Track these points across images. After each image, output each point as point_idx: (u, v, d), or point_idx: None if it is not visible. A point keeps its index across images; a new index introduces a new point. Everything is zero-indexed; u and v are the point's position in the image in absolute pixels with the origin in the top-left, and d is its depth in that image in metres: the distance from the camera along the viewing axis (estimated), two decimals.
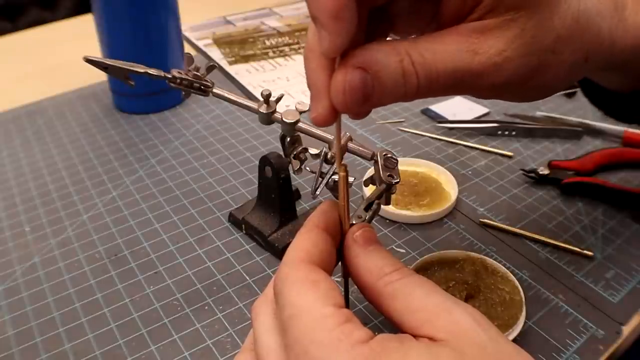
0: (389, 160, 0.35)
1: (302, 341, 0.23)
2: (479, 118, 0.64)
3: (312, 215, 0.29)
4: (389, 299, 0.25)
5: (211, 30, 0.92)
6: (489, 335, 0.23)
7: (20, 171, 0.56)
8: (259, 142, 0.59)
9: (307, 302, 0.24)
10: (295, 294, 0.24)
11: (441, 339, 0.22)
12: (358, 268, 0.27)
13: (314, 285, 0.24)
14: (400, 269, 0.26)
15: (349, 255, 0.28)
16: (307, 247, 0.27)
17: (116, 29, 0.62)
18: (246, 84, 0.73)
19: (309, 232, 0.28)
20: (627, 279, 0.42)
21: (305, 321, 0.23)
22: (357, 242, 0.27)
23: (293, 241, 0.28)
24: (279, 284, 0.25)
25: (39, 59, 0.84)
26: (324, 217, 0.28)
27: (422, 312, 0.24)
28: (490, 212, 0.49)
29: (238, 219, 0.47)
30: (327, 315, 0.23)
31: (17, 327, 0.39)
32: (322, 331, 0.23)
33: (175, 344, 0.37)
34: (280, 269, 0.26)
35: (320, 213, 0.29)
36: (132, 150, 0.59)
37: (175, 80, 0.43)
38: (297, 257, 0.26)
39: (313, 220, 0.28)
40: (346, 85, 0.25)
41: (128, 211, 0.50)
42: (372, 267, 0.26)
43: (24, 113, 0.67)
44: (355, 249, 0.27)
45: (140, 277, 0.43)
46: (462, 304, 0.24)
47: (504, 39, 0.26)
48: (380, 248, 0.27)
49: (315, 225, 0.28)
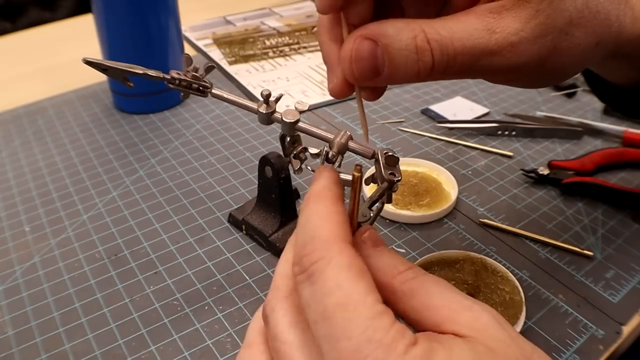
0: (390, 158, 0.35)
1: (355, 336, 0.21)
2: (479, 118, 0.64)
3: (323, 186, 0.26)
4: (406, 296, 0.24)
5: (211, 30, 0.92)
6: (508, 332, 0.23)
7: (20, 171, 0.56)
8: (259, 142, 0.60)
9: (359, 292, 0.22)
10: (347, 281, 0.22)
11: (466, 335, 0.22)
12: (370, 268, 0.26)
13: (363, 275, 0.22)
14: (414, 268, 0.26)
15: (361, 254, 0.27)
16: (340, 224, 0.24)
17: (116, 29, 0.62)
18: (246, 84, 0.73)
19: (335, 204, 0.25)
20: (627, 279, 0.42)
21: (360, 315, 0.21)
22: (366, 243, 0.27)
23: (317, 211, 0.24)
24: (320, 264, 0.23)
25: (39, 59, 0.84)
26: (337, 188, 0.26)
27: (443, 309, 0.23)
28: (490, 212, 0.49)
29: (238, 219, 0.47)
30: (382, 312, 0.22)
31: (17, 327, 0.39)
32: (380, 330, 0.21)
33: (175, 344, 0.37)
34: (314, 247, 0.23)
35: (332, 183, 0.26)
36: (132, 150, 0.59)
37: (174, 82, 0.43)
38: (336, 236, 0.23)
39: (334, 190, 0.26)
40: (353, 54, 0.26)
41: (128, 211, 0.50)
42: (385, 266, 0.26)
43: (24, 113, 0.67)
44: (365, 250, 0.27)
45: (140, 277, 0.43)
46: (479, 302, 0.24)
47: (520, 19, 0.26)
48: (388, 248, 0.27)
49: (339, 198, 0.25)
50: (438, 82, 0.72)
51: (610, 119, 0.63)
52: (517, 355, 0.22)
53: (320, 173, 0.27)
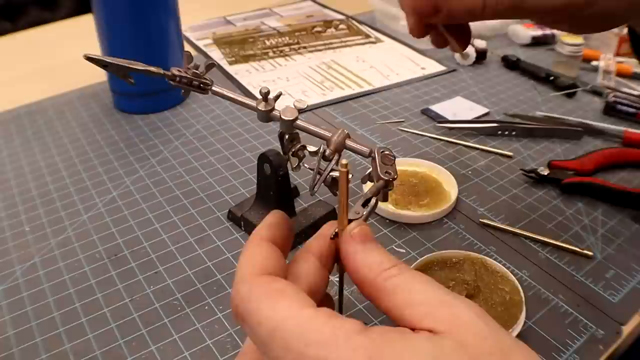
0: (386, 157, 0.35)
1: (295, 348, 0.22)
2: (479, 118, 0.64)
3: (258, 229, 0.28)
4: (389, 294, 0.25)
5: (211, 30, 0.92)
6: (489, 327, 0.23)
7: (20, 171, 0.56)
8: (259, 142, 0.60)
9: (284, 310, 0.23)
10: (266, 307, 0.23)
11: (442, 331, 0.22)
12: (356, 264, 0.27)
13: (282, 293, 0.24)
14: (399, 265, 0.26)
15: (347, 251, 0.27)
16: (258, 261, 0.26)
17: (116, 29, 0.62)
18: (246, 84, 0.73)
19: (256, 246, 0.27)
20: (627, 279, 0.42)
21: (291, 328, 0.23)
22: (355, 238, 0.27)
23: (241, 259, 0.26)
24: (242, 305, 0.24)
25: (39, 59, 0.84)
26: (270, 230, 0.28)
27: (423, 305, 0.24)
28: (490, 212, 0.49)
29: (237, 216, 0.47)
30: (312, 315, 0.23)
31: (17, 327, 0.39)
32: (314, 331, 0.22)
33: (175, 344, 0.37)
34: (237, 290, 0.25)
35: (266, 226, 0.29)
36: (132, 150, 0.59)
37: (175, 78, 0.43)
38: (250, 272, 0.25)
39: (259, 233, 0.28)
40: None
41: (128, 211, 0.50)
42: (371, 262, 0.26)
43: (24, 113, 0.67)
44: (353, 246, 0.27)
45: (140, 277, 0.43)
46: (461, 298, 0.24)
47: None
48: (377, 245, 0.27)
49: (261, 239, 0.28)
50: (437, 82, 0.72)
51: (610, 119, 0.63)
52: (493, 350, 0.22)
53: (267, 216, 0.30)
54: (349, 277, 0.27)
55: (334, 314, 0.23)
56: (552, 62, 0.77)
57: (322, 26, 0.92)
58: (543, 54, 0.80)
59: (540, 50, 0.81)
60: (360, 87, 0.71)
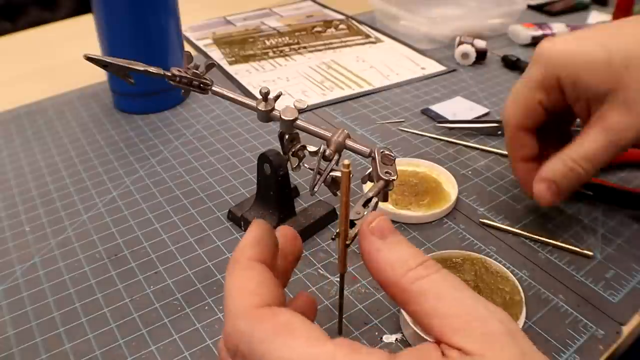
0: (386, 157, 0.35)
1: None
2: (479, 118, 0.64)
3: (242, 247, 0.26)
4: (415, 298, 0.23)
5: (211, 30, 0.92)
6: (522, 348, 0.22)
7: (20, 171, 0.56)
8: (259, 142, 0.60)
9: (301, 348, 0.21)
10: (280, 347, 0.21)
11: (475, 352, 0.21)
12: (378, 262, 0.24)
13: (292, 329, 0.22)
14: (426, 263, 0.24)
15: (366, 249, 0.25)
16: (252, 289, 0.24)
17: (116, 29, 0.62)
18: (246, 84, 0.73)
19: (246, 269, 0.25)
20: (627, 279, 0.42)
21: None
22: (374, 233, 0.25)
23: (229, 286, 0.24)
24: (246, 346, 0.22)
25: (39, 59, 0.84)
26: (258, 247, 0.26)
27: (454, 318, 0.22)
28: (490, 212, 0.49)
29: (237, 216, 0.47)
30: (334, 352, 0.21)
31: (17, 327, 0.39)
32: None
33: (175, 344, 0.37)
34: (234, 327, 0.23)
35: (253, 243, 0.26)
36: (132, 150, 0.59)
37: (175, 78, 0.43)
38: (248, 305, 0.23)
39: (245, 253, 0.25)
40: (538, 193, 0.41)
41: (128, 211, 0.50)
42: (395, 261, 0.24)
43: (24, 113, 0.67)
44: (373, 241, 0.25)
45: (140, 277, 0.43)
46: (493, 310, 0.23)
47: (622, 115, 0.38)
48: (400, 238, 0.25)
49: (249, 259, 0.25)
50: (437, 82, 0.72)
51: None
52: None
53: (249, 228, 0.27)
54: (348, 277, 0.27)
55: (356, 345, 0.22)
56: None
57: (322, 26, 0.92)
58: None
59: None
60: (360, 87, 0.71)
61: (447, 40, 0.82)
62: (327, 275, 0.42)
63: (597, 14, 0.95)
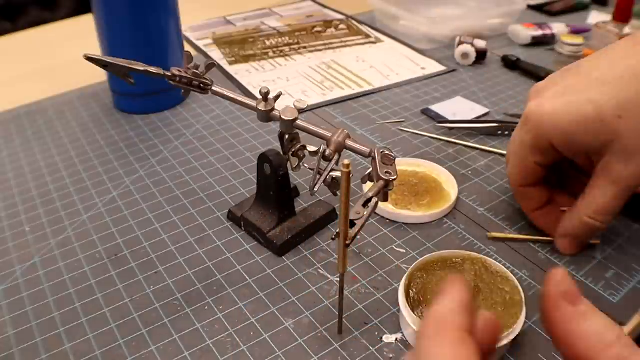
0: (386, 157, 0.35)
1: None
2: (479, 118, 0.64)
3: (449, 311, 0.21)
4: None
5: (211, 30, 0.92)
6: None
7: (20, 171, 0.56)
8: (259, 142, 0.60)
9: None
10: None
11: None
12: (573, 335, 0.22)
13: None
14: (623, 339, 0.22)
15: (556, 316, 0.23)
16: None
17: (116, 29, 0.62)
18: (246, 84, 0.73)
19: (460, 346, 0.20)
20: (627, 279, 0.42)
21: None
22: (567, 299, 0.22)
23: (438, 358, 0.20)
24: None
25: (39, 59, 0.84)
26: (466, 315, 0.21)
27: None
28: (490, 212, 0.49)
29: (237, 216, 0.47)
30: None
31: (17, 327, 0.39)
32: None
33: (175, 344, 0.37)
34: None
35: (460, 309, 0.22)
36: (132, 150, 0.59)
37: (175, 78, 0.43)
38: None
39: (456, 322, 0.21)
40: (562, 248, 0.44)
41: (128, 211, 0.50)
42: (592, 334, 0.22)
43: (24, 113, 0.67)
44: (563, 308, 0.22)
45: (140, 277, 0.43)
46: None
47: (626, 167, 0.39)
48: (590, 306, 0.23)
49: (462, 332, 0.21)
50: (437, 82, 0.72)
51: None
52: None
53: (449, 286, 0.23)
54: (348, 277, 0.27)
55: None
56: (552, 62, 0.77)
57: (322, 26, 0.92)
58: (543, 54, 0.80)
59: (540, 50, 0.81)
60: (360, 87, 0.71)
61: (447, 40, 0.82)
62: (327, 275, 0.42)
63: (597, 14, 0.95)
